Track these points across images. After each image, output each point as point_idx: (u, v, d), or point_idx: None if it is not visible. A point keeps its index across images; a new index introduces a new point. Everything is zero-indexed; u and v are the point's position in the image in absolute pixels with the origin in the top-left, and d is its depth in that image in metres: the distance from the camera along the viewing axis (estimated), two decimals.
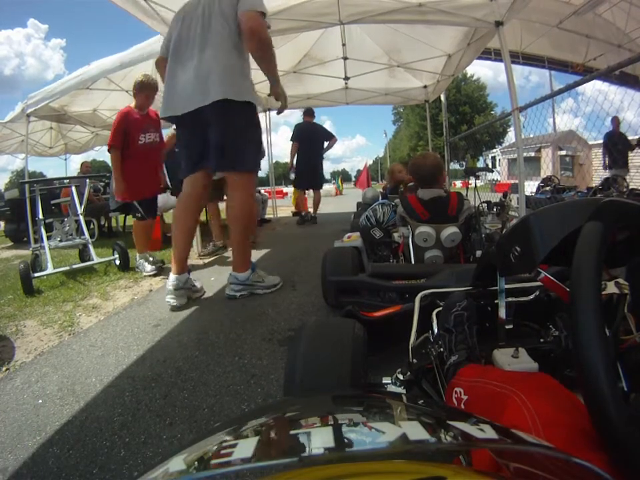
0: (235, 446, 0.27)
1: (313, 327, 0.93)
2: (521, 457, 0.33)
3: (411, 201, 1.84)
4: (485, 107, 26.16)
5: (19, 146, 6.85)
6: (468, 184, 3.25)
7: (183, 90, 1.81)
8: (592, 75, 2.49)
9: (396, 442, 0.25)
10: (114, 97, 5.40)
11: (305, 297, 1.96)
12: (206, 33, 1.78)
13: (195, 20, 1.82)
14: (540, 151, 7.50)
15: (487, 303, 0.89)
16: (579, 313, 0.37)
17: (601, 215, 0.43)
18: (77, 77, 4.27)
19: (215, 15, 1.78)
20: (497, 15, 2.98)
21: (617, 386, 0.37)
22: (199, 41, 1.79)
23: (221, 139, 1.80)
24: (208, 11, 1.80)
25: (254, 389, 1.13)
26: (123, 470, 0.84)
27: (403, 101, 6.32)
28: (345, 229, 3.47)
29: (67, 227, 2.92)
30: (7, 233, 5.67)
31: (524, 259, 0.56)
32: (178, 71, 1.84)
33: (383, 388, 0.81)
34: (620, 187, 4.51)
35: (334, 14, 3.08)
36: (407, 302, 1.22)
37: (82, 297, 2.25)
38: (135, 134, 2.65)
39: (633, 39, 4.79)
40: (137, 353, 1.44)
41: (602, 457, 0.36)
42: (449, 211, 1.78)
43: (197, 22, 1.82)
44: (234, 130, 1.80)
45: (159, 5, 2.90)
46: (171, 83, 1.88)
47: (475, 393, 0.58)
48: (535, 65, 5.96)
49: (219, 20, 1.77)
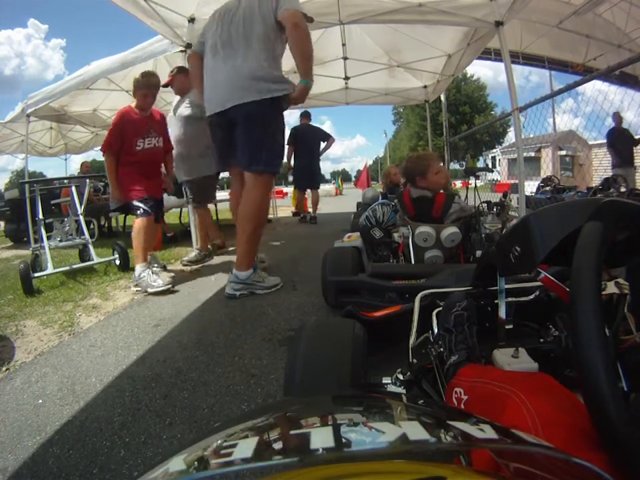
0: (235, 446, 0.27)
1: (313, 327, 0.93)
2: (521, 457, 0.33)
3: (405, 195, 1.91)
4: (485, 107, 26.15)
5: (19, 146, 6.85)
6: (468, 184, 3.25)
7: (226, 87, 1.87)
8: (592, 75, 2.49)
9: (396, 442, 0.25)
10: (114, 97, 5.41)
11: (304, 296, 1.96)
12: (247, 35, 1.85)
13: (236, 22, 1.88)
14: (540, 151, 7.51)
15: (487, 303, 0.89)
16: (579, 313, 0.37)
17: (601, 215, 0.43)
18: (77, 77, 4.28)
19: (255, 18, 1.85)
20: (496, 15, 2.98)
21: (617, 386, 0.37)
22: (242, 43, 1.86)
23: (247, 135, 1.88)
24: (249, 13, 1.87)
25: (254, 388, 1.13)
26: (123, 470, 0.84)
27: (403, 101, 6.33)
28: (345, 228, 3.48)
29: (67, 227, 2.92)
30: (6, 233, 5.67)
31: (524, 259, 0.56)
32: (219, 69, 1.91)
33: (383, 388, 0.81)
34: (619, 187, 4.50)
35: (334, 14, 3.09)
36: (407, 302, 1.22)
37: (82, 297, 2.25)
38: (132, 138, 2.42)
39: (633, 39, 4.79)
40: (137, 353, 1.44)
41: (602, 457, 0.36)
42: (434, 211, 1.81)
43: (237, 24, 1.88)
44: (259, 127, 1.87)
45: (158, 5, 2.90)
46: (211, 80, 1.95)
47: (474, 393, 0.58)
48: (534, 65, 5.96)
49: (260, 23, 1.84)
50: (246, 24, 1.85)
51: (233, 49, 1.86)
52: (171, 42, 3.27)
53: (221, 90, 1.88)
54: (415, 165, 1.91)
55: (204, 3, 3.09)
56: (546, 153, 7.77)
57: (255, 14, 1.85)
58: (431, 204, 1.83)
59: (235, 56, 1.85)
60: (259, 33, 1.84)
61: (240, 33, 1.86)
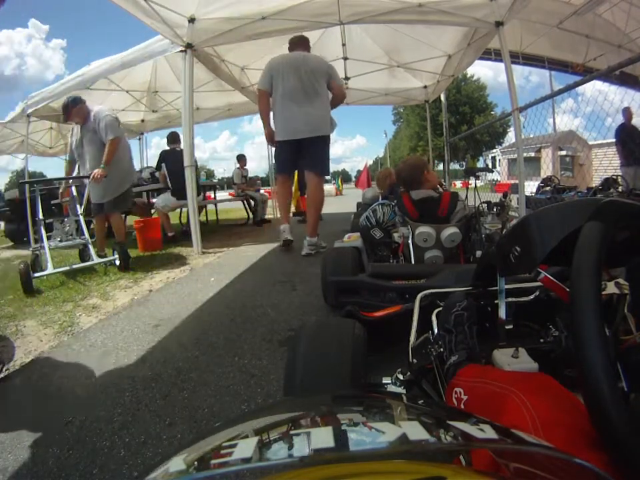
0: (235, 446, 0.27)
1: (313, 327, 0.93)
2: (521, 457, 0.33)
3: (404, 199, 1.88)
4: (485, 107, 26.12)
5: (19, 146, 6.86)
6: (468, 184, 3.25)
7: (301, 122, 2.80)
8: (592, 75, 2.49)
9: (396, 442, 0.25)
10: (114, 97, 5.42)
11: (305, 297, 1.96)
12: (316, 91, 2.82)
13: (305, 79, 2.78)
14: (540, 151, 7.50)
15: (487, 303, 0.89)
16: (579, 313, 0.37)
17: (601, 215, 0.43)
18: (77, 77, 4.29)
19: (320, 81, 2.83)
20: (497, 15, 2.99)
21: (617, 386, 0.37)
22: (312, 93, 2.80)
23: (315, 154, 2.89)
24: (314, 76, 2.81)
25: (254, 389, 1.13)
26: (123, 470, 0.84)
27: (403, 101, 6.33)
28: (345, 229, 3.47)
29: (67, 227, 2.92)
30: (7, 233, 5.67)
31: (524, 259, 0.56)
32: (293, 109, 2.80)
33: (383, 388, 0.81)
34: (619, 187, 4.49)
35: (334, 14, 3.09)
36: (407, 302, 1.22)
37: (82, 297, 2.25)
38: None
39: (633, 39, 4.79)
40: (137, 353, 1.44)
41: (602, 457, 0.36)
42: (439, 211, 1.80)
43: (306, 81, 2.78)
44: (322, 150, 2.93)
45: (158, 5, 2.90)
46: (285, 116, 2.85)
47: (474, 393, 0.58)
48: (535, 65, 5.96)
49: (322, 83, 2.85)
50: (314, 83, 2.80)
51: (305, 98, 2.78)
52: (171, 42, 3.27)
53: (293, 125, 2.81)
54: (412, 172, 1.90)
55: (204, 3, 3.10)
56: (546, 153, 7.77)
57: (318, 78, 2.81)
58: (437, 204, 1.81)
59: (307, 104, 2.78)
60: (322, 92, 2.85)
61: (309, 89, 2.79)
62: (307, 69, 2.77)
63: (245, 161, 6.30)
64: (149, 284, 2.48)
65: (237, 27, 3.18)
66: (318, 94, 2.80)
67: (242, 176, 6.01)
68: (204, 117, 6.50)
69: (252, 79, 5.19)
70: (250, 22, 3.17)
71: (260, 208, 5.64)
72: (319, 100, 2.81)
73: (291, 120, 2.80)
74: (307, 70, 2.77)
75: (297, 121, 2.78)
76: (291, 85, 2.76)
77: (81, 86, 4.38)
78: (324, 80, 2.83)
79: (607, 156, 5.96)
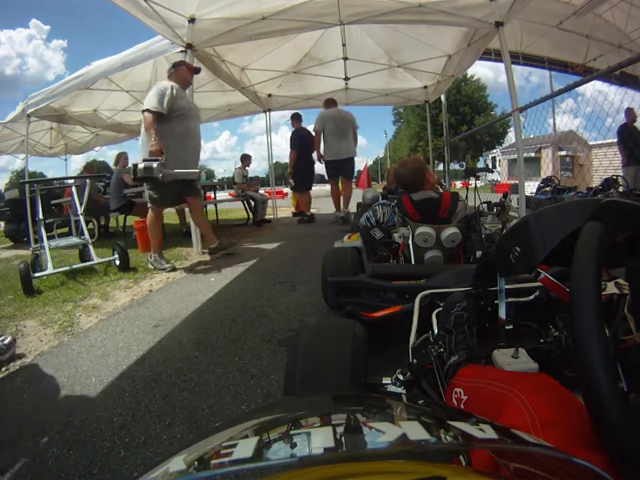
0: (235, 446, 0.27)
1: (313, 327, 0.93)
2: (521, 457, 0.33)
3: (404, 201, 1.88)
4: (485, 108, 26.10)
5: (20, 146, 6.85)
6: (468, 184, 3.25)
7: (340, 150, 4.75)
8: (592, 75, 2.48)
9: (396, 442, 0.25)
10: (114, 97, 5.41)
11: (304, 297, 1.96)
12: (347, 131, 4.74)
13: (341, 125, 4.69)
14: (540, 151, 7.51)
15: (487, 304, 0.89)
16: (579, 313, 0.37)
17: (601, 215, 0.43)
18: (78, 77, 4.28)
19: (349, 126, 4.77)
20: (497, 16, 2.99)
21: (617, 386, 0.37)
22: (345, 134, 4.73)
23: (348, 167, 4.93)
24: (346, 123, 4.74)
25: (254, 389, 1.13)
26: (123, 470, 0.84)
27: (403, 101, 6.33)
28: (345, 229, 3.47)
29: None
30: (7, 233, 5.67)
31: (524, 260, 0.56)
32: (337, 141, 4.73)
33: (383, 388, 0.81)
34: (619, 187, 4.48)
35: (334, 14, 3.09)
36: (407, 302, 1.22)
37: (82, 297, 2.25)
38: None
39: (633, 39, 4.78)
40: (137, 353, 1.44)
41: (602, 457, 0.36)
42: (440, 212, 1.79)
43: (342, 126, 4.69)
44: (351, 165, 5.01)
45: (158, 5, 2.90)
46: (332, 145, 4.75)
47: (474, 393, 0.58)
48: (535, 65, 5.95)
49: (351, 128, 4.79)
50: (347, 126, 4.74)
51: (342, 136, 4.71)
52: (171, 42, 3.27)
53: (337, 150, 4.74)
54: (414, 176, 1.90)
55: (204, 3, 3.10)
56: (546, 154, 7.77)
57: (347, 124, 4.75)
58: (437, 204, 1.81)
59: (344, 139, 4.73)
60: (350, 132, 4.79)
61: (344, 130, 4.71)
62: (340, 119, 4.72)
63: (249, 161, 6.30)
64: (148, 284, 2.48)
65: (237, 27, 3.18)
66: (348, 133, 4.78)
67: (243, 176, 6.02)
68: (204, 117, 6.49)
69: (252, 79, 5.19)
70: (250, 22, 3.17)
71: (260, 208, 5.64)
72: (350, 137, 4.80)
73: (335, 147, 4.77)
74: (340, 120, 4.72)
75: (338, 148, 4.75)
76: (333, 128, 4.70)
77: (81, 86, 4.38)
78: (350, 126, 4.79)
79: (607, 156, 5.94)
